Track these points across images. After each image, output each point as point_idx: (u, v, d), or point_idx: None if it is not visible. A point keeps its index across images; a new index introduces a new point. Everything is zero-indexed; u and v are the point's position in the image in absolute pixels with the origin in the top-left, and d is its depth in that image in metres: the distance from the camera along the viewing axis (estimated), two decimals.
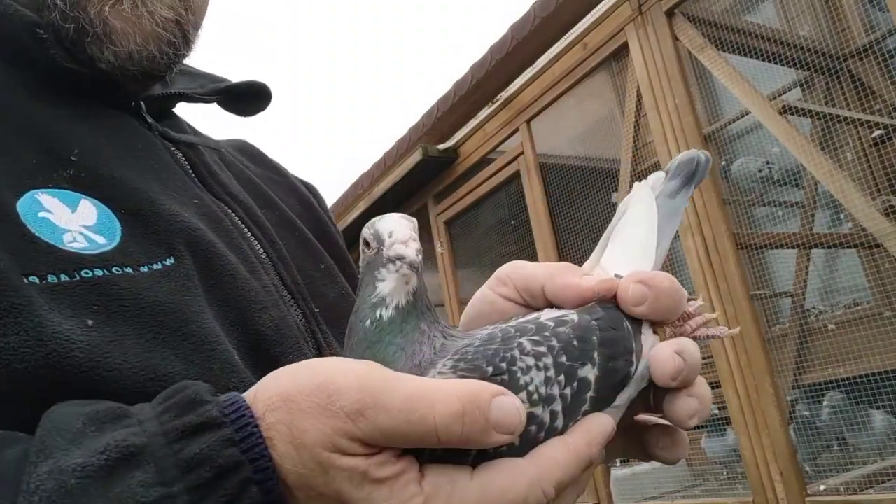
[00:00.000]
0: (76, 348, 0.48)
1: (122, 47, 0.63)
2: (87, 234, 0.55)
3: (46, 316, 0.48)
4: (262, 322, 0.62)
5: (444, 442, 0.39)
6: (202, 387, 0.42)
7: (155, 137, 0.70)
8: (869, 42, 2.96)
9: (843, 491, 2.35)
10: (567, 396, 0.45)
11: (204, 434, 0.39)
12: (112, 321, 0.51)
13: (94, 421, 0.40)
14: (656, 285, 0.49)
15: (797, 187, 3.16)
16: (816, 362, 2.77)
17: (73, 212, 0.56)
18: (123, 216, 0.58)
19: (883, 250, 2.49)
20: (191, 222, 0.61)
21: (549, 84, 3.46)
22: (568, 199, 3.49)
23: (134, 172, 0.62)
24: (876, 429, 2.52)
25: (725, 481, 3.03)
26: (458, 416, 0.39)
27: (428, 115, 4.39)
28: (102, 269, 0.53)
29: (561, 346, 0.46)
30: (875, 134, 2.91)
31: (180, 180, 0.67)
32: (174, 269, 0.57)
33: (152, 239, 0.58)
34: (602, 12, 3.14)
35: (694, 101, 2.80)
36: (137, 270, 0.55)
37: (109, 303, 0.52)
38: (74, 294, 0.51)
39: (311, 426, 0.39)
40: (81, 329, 0.49)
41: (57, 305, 0.50)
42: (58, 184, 0.57)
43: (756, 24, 3.03)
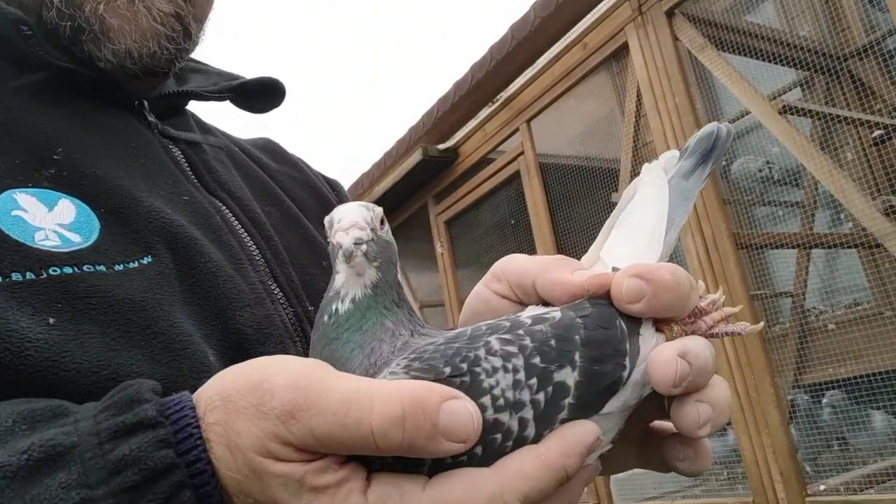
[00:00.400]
0: (31, 346, 0.48)
1: (120, 45, 0.62)
2: (61, 233, 0.55)
3: (4, 314, 0.48)
4: (242, 320, 0.61)
5: (384, 449, 0.35)
6: (146, 385, 0.40)
7: (153, 136, 0.70)
8: (869, 42, 2.96)
9: (843, 491, 2.35)
10: (539, 402, 0.40)
11: (137, 434, 0.37)
12: (76, 319, 0.51)
13: (27, 419, 0.38)
14: (656, 279, 0.43)
15: (797, 187, 3.16)
16: (816, 362, 2.77)
17: (49, 210, 0.55)
18: (103, 215, 0.58)
19: (883, 250, 2.49)
20: (173, 219, 0.61)
21: (549, 84, 3.46)
22: (568, 199, 3.48)
23: (120, 171, 0.62)
24: (876, 429, 2.52)
25: (725, 481, 3.03)
26: (398, 420, 0.35)
27: (428, 115, 4.38)
28: (72, 267, 0.53)
29: (535, 346, 0.41)
30: (875, 134, 2.91)
31: (172, 177, 0.66)
32: (150, 268, 0.57)
33: (130, 237, 0.58)
34: (602, 12, 3.14)
35: (694, 101, 2.80)
36: (111, 268, 0.55)
37: (75, 301, 0.51)
38: (38, 292, 0.51)
39: (245, 428, 0.36)
40: (41, 327, 0.49)
41: (17, 303, 0.49)
42: (38, 183, 0.57)
43: (756, 24, 3.03)
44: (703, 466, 0.48)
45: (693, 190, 0.51)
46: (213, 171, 0.72)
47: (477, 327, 0.43)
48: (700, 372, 0.43)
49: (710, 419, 0.43)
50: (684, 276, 0.45)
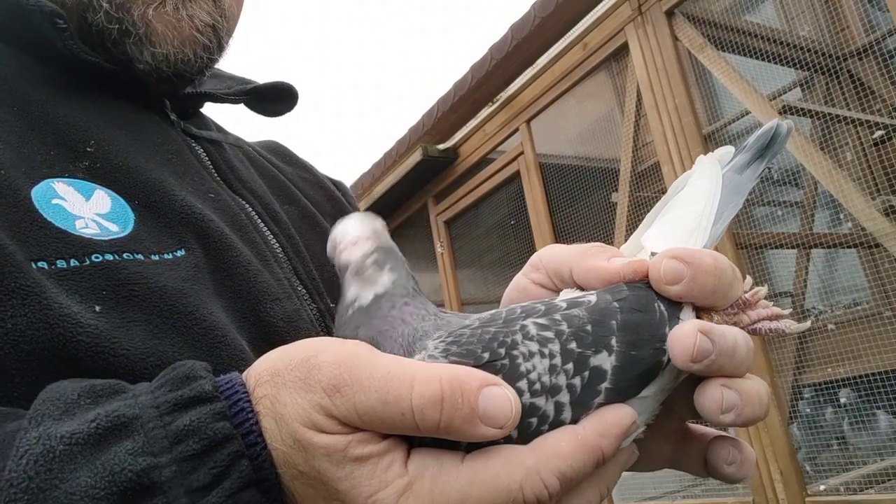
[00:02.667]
0: (83, 332, 0.49)
1: (161, 49, 0.65)
2: (100, 222, 0.55)
3: (54, 299, 0.49)
4: (273, 313, 0.62)
5: (422, 429, 0.36)
6: (199, 364, 0.42)
7: (176, 133, 0.71)
8: (869, 42, 2.96)
9: (843, 491, 2.35)
10: (576, 387, 0.40)
11: (195, 407, 0.38)
12: (121, 306, 0.52)
13: (90, 394, 0.40)
14: (696, 262, 0.43)
15: (797, 187, 3.16)
16: (816, 362, 2.77)
17: (86, 200, 0.57)
18: (136, 207, 0.59)
19: (883, 250, 2.49)
20: (203, 214, 0.62)
21: (549, 84, 3.46)
22: (568, 199, 3.49)
23: (150, 165, 0.63)
24: (875, 429, 2.52)
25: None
26: (437, 400, 0.36)
27: (428, 115, 4.39)
28: (113, 255, 0.54)
29: (571, 332, 0.41)
30: (876, 134, 2.91)
31: (198, 174, 0.68)
32: (184, 260, 0.58)
33: (164, 230, 0.59)
34: (602, 12, 3.14)
35: (694, 101, 2.80)
36: (148, 258, 0.56)
37: (119, 287, 0.52)
38: (83, 279, 0.51)
39: (292, 400, 0.38)
40: (89, 314, 0.50)
41: (65, 290, 0.50)
42: (73, 174, 0.58)
43: (756, 24, 3.03)
44: (747, 472, 0.47)
45: (746, 185, 0.50)
46: (235, 169, 0.74)
47: (511, 310, 0.43)
48: (726, 353, 0.42)
49: (734, 406, 0.42)
50: (726, 262, 0.44)
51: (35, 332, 0.47)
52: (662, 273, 0.44)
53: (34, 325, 0.47)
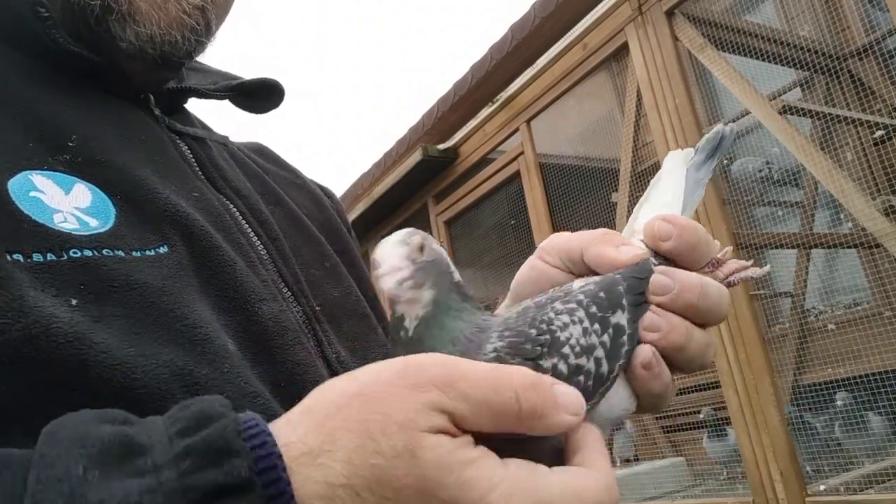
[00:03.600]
0: (57, 322, 0.47)
1: (145, 28, 0.63)
2: (80, 216, 0.54)
3: (27, 292, 0.48)
4: (262, 313, 0.61)
5: (524, 414, 0.39)
6: (230, 423, 0.36)
7: (161, 129, 0.70)
8: (869, 42, 2.96)
9: (843, 491, 2.35)
10: (606, 343, 0.48)
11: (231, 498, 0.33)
12: (99, 301, 0.51)
13: (98, 462, 0.33)
14: (679, 222, 0.53)
15: (797, 187, 3.16)
16: (816, 362, 2.77)
17: (66, 194, 0.55)
18: (118, 202, 0.57)
19: (883, 250, 2.49)
20: (187, 212, 0.61)
21: (549, 84, 3.46)
22: (568, 199, 3.49)
23: (133, 161, 0.61)
24: (875, 429, 2.52)
25: (725, 481, 3.03)
26: (533, 386, 0.39)
27: (428, 115, 4.39)
28: (92, 251, 0.52)
29: (589, 300, 0.49)
30: (877, 134, 2.91)
31: (181, 172, 0.66)
32: (167, 257, 0.57)
33: (146, 226, 0.58)
34: (602, 12, 3.14)
35: (694, 101, 2.80)
36: (129, 254, 0.54)
37: (96, 283, 0.51)
38: (60, 273, 0.50)
39: (395, 408, 0.36)
40: (64, 307, 0.49)
41: (40, 284, 0.49)
42: (53, 167, 0.56)
43: (756, 24, 3.03)
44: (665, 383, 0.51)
45: (703, 179, 0.63)
46: (220, 168, 0.72)
47: (538, 300, 0.50)
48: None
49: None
50: (700, 225, 0.54)
51: (8, 322, 0.46)
52: (656, 230, 0.53)
53: (7, 314, 0.46)
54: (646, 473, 3.24)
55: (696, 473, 3.29)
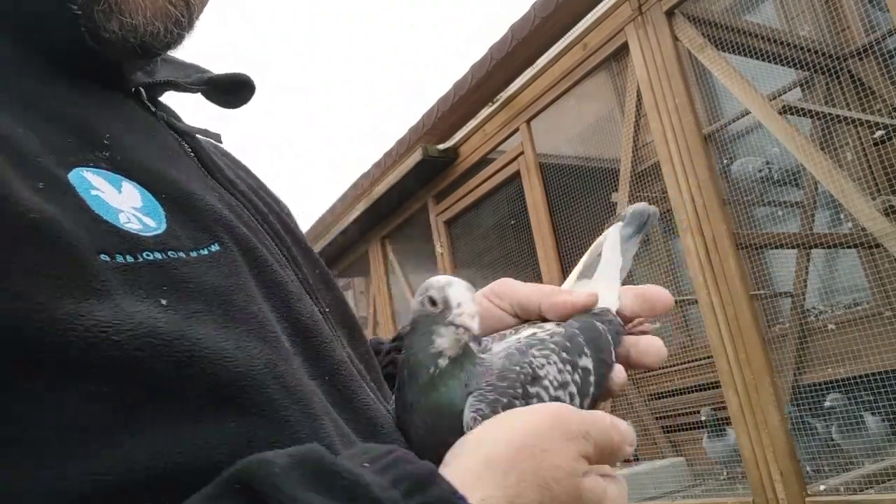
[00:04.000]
0: (160, 321, 0.46)
1: (131, 18, 0.60)
2: (139, 217, 0.52)
3: (123, 296, 0.46)
4: (301, 310, 0.60)
5: (616, 448, 0.51)
6: (445, 494, 0.41)
7: (161, 125, 0.68)
8: (869, 42, 2.96)
9: (843, 491, 2.35)
10: (578, 381, 0.58)
11: None
12: (183, 302, 0.49)
13: None
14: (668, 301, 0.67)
15: (797, 187, 3.17)
16: (816, 362, 2.77)
17: (118, 193, 0.52)
18: (163, 201, 0.55)
19: (883, 250, 2.49)
20: (224, 211, 0.59)
21: (549, 84, 3.46)
22: (568, 199, 3.49)
23: (160, 159, 0.59)
24: (875, 429, 2.52)
25: (725, 481, 3.03)
26: (615, 426, 0.52)
27: (428, 115, 4.39)
28: (161, 252, 0.50)
29: (560, 348, 0.59)
30: (877, 135, 2.91)
31: (195, 171, 0.65)
32: (221, 255, 0.55)
33: (195, 225, 0.56)
34: (602, 12, 3.14)
35: (694, 101, 2.80)
36: (189, 255, 0.52)
37: (174, 284, 0.49)
38: (141, 276, 0.48)
39: (561, 459, 0.45)
40: (158, 308, 0.47)
41: (129, 286, 0.47)
42: (97, 164, 0.53)
43: (756, 24, 3.04)
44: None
45: (632, 250, 0.73)
46: (218, 166, 0.70)
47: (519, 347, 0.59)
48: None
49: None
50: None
51: (119, 323, 0.44)
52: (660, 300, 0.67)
53: (118, 315, 0.44)
54: (646, 473, 3.24)
55: (696, 473, 3.29)
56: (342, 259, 5.73)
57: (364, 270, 5.60)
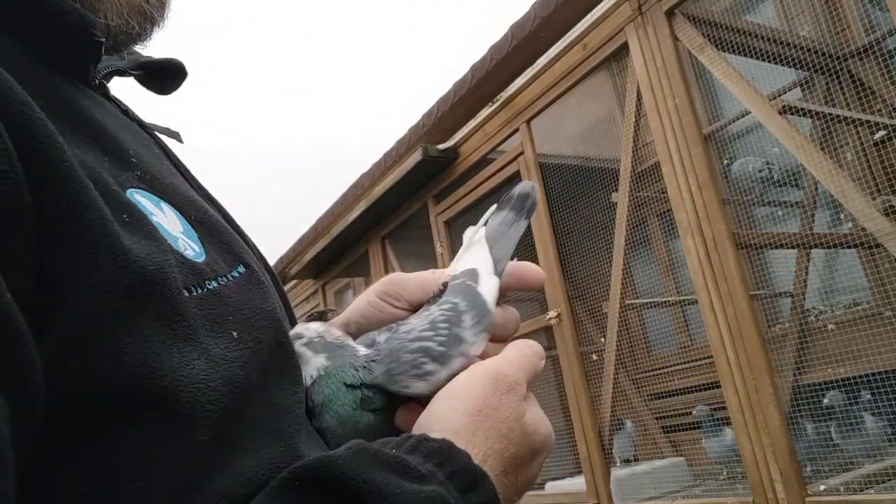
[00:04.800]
0: (237, 363, 0.45)
1: (106, 20, 0.57)
2: (188, 242, 0.49)
3: (206, 333, 0.44)
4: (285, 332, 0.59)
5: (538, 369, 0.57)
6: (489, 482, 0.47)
7: (135, 126, 0.63)
8: (869, 42, 2.96)
9: (843, 491, 2.35)
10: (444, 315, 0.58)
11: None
12: (248, 331, 0.48)
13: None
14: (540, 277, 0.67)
15: (797, 187, 3.17)
16: (816, 362, 2.77)
17: (165, 216, 0.49)
18: (192, 223, 0.52)
19: (883, 250, 2.49)
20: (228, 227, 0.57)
21: (549, 84, 3.46)
22: (568, 199, 3.49)
23: (172, 177, 0.55)
24: (875, 429, 2.52)
25: (725, 481, 3.03)
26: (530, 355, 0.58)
27: (428, 115, 4.39)
28: (214, 280, 0.48)
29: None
30: (878, 135, 2.91)
31: (177, 175, 0.60)
32: (249, 277, 0.53)
33: (223, 248, 0.53)
34: (602, 12, 3.14)
35: (694, 101, 2.80)
36: (229, 279, 0.50)
37: (235, 313, 0.48)
38: (212, 307, 0.46)
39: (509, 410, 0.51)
40: (232, 343, 0.46)
41: (206, 322, 0.45)
42: (137, 185, 0.49)
43: (756, 24, 3.04)
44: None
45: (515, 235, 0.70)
46: (184, 167, 0.66)
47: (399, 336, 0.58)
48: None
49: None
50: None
51: (211, 374, 0.43)
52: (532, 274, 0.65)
53: (209, 365, 0.43)
54: (646, 473, 3.24)
55: (696, 473, 3.29)
56: (342, 259, 5.73)
57: (364, 270, 5.60)
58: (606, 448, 3.23)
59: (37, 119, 0.39)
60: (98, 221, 0.40)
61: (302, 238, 6.23)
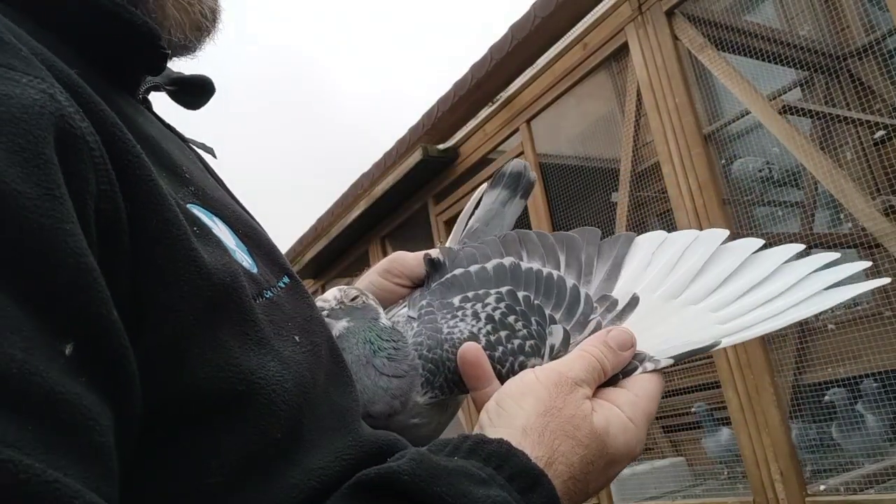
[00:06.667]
0: (304, 365, 0.47)
1: (171, 35, 0.57)
2: (242, 254, 0.51)
3: (274, 337, 0.46)
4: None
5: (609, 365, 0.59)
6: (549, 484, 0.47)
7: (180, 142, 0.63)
8: (869, 42, 2.96)
9: (843, 491, 2.35)
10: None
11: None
12: (304, 336, 0.50)
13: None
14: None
15: (797, 187, 3.16)
16: (816, 362, 2.77)
17: (220, 230, 0.50)
18: (241, 236, 0.53)
19: (883, 250, 2.49)
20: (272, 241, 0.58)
21: (549, 84, 3.46)
22: (568, 199, 3.49)
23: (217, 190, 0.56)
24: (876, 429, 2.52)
25: (725, 481, 3.03)
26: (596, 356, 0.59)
27: (428, 115, 4.39)
28: (269, 291, 0.50)
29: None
30: (878, 135, 2.91)
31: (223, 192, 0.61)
32: (294, 287, 0.55)
33: (268, 259, 0.55)
34: (602, 12, 3.14)
35: (694, 101, 2.80)
36: (279, 290, 0.52)
37: (290, 321, 0.50)
38: (273, 315, 0.48)
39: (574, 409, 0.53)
40: (296, 347, 0.48)
41: (273, 327, 0.47)
42: (192, 201, 0.50)
43: (756, 24, 3.03)
44: None
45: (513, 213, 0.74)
46: (221, 181, 0.67)
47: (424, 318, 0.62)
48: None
49: None
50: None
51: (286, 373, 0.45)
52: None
53: (281, 366, 0.45)
54: (646, 473, 3.24)
55: (696, 473, 3.29)
56: (342, 259, 5.73)
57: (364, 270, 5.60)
58: None
59: (126, 140, 0.40)
60: (183, 237, 0.41)
61: (302, 238, 6.23)
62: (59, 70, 0.40)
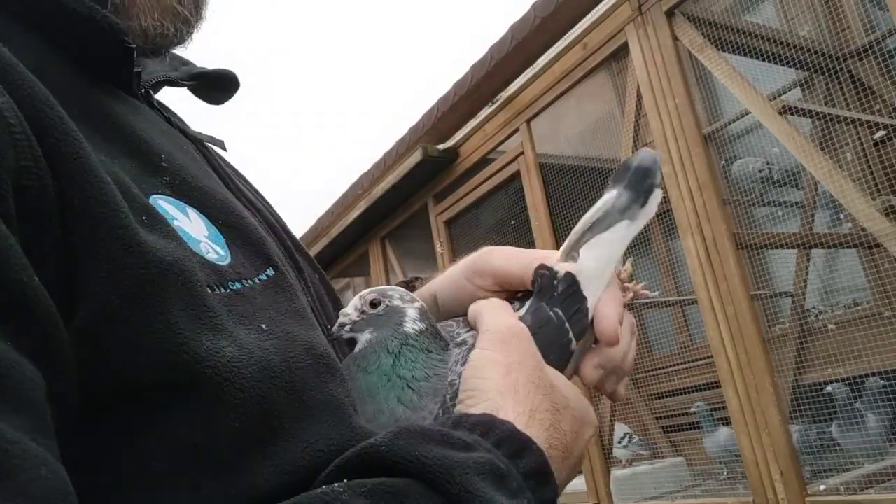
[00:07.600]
0: (270, 350, 0.46)
1: (138, 21, 0.57)
2: (212, 246, 0.50)
3: (236, 326, 0.46)
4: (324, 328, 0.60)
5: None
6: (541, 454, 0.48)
7: (177, 133, 0.63)
8: (869, 42, 2.96)
9: (843, 491, 2.35)
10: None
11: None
12: (276, 324, 0.49)
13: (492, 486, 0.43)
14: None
15: (797, 187, 3.16)
16: (816, 362, 2.77)
17: (190, 221, 0.50)
18: (220, 227, 0.53)
19: (883, 250, 2.49)
20: (263, 232, 0.58)
21: (549, 84, 3.46)
22: (568, 199, 3.49)
23: (206, 179, 0.56)
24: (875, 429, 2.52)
25: (725, 481, 3.03)
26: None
27: (428, 115, 4.39)
28: (238, 282, 0.49)
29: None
30: (878, 135, 2.91)
31: (221, 185, 0.61)
32: (278, 280, 0.54)
33: (251, 250, 0.54)
34: (602, 12, 3.14)
35: (694, 101, 2.80)
36: (255, 282, 0.51)
37: (263, 311, 0.49)
38: (235, 306, 0.47)
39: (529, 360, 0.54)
40: (262, 335, 0.47)
41: (234, 318, 0.46)
42: (162, 190, 0.50)
43: (756, 24, 3.03)
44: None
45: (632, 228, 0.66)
46: (230, 177, 0.67)
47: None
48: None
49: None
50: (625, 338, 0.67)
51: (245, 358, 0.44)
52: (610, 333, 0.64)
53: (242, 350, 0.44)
54: (646, 473, 3.24)
55: (696, 473, 3.29)
56: (342, 259, 5.73)
57: (364, 270, 5.60)
58: (606, 448, 3.23)
59: (55, 117, 0.40)
60: (110, 215, 0.40)
61: (302, 238, 6.23)
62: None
